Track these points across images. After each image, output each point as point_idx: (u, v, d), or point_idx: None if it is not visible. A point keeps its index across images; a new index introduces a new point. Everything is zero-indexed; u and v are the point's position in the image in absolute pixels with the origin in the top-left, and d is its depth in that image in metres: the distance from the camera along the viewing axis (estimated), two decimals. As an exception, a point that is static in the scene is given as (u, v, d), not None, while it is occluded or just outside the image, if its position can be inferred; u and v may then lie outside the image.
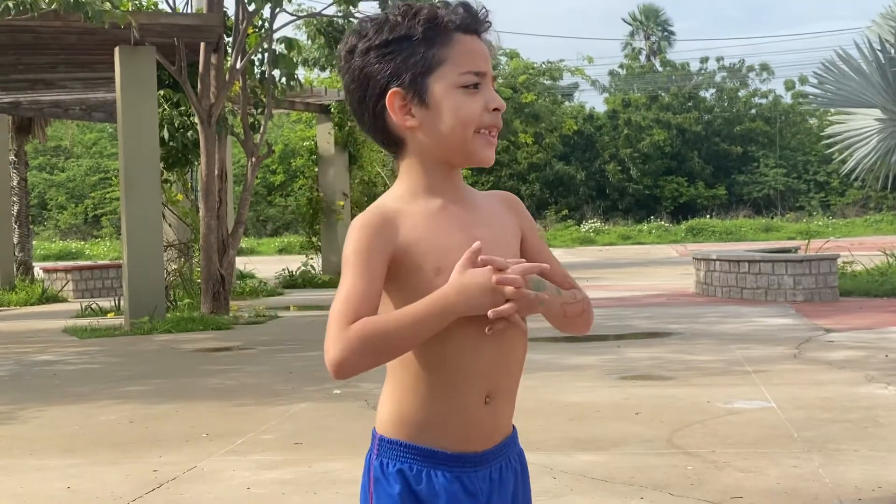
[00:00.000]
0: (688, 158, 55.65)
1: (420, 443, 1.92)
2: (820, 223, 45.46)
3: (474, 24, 1.93)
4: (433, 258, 1.89)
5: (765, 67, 58.94)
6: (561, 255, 34.46)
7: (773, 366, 8.57)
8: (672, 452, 5.60)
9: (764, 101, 58.60)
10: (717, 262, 15.69)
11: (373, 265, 1.86)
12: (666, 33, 67.01)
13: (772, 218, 48.82)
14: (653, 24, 66.34)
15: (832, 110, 20.48)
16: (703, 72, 60.06)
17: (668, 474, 5.13)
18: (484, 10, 1.94)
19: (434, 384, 1.91)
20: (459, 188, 1.99)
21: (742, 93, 58.79)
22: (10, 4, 10.79)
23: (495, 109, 1.92)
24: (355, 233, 1.89)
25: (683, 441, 5.85)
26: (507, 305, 1.84)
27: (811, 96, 23.73)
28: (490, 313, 1.83)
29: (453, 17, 1.91)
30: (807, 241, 20.73)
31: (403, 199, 1.95)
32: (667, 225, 47.46)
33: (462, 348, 1.89)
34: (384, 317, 1.84)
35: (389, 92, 1.91)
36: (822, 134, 28.06)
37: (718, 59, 60.19)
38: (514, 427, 2.06)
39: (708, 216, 49.67)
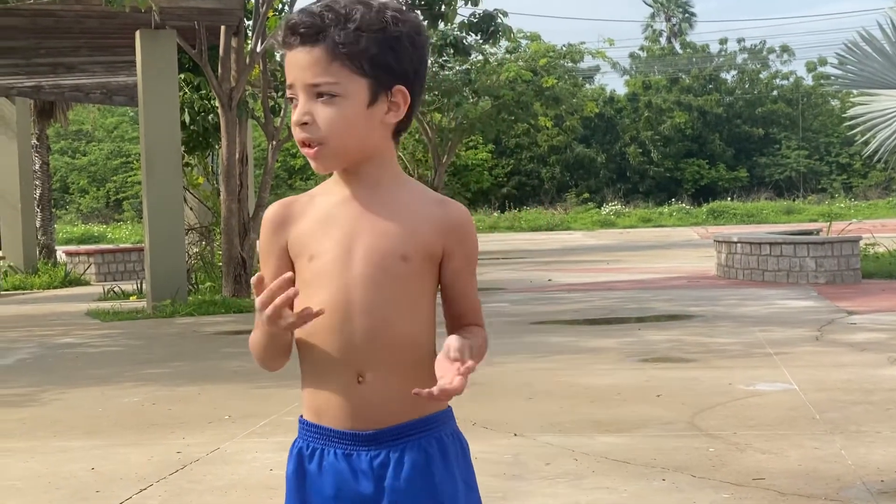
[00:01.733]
0: (709, 141, 55.46)
1: (317, 421, 2.02)
2: (842, 205, 45.25)
3: (286, 38, 1.97)
4: (310, 245, 2.01)
5: (785, 49, 58.65)
6: (581, 237, 34.44)
7: (795, 348, 8.54)
8: (693, 434, 5.59)
9: (785, 82, 58.29)
10: (739, 245, 15.64)
11: (274, 259, 2.04)
12: (687, 15, 66.68)
13: (793, 200, 48.64)
14: (673, 6, 66.01)
15: (854, 91, 20.34)
16: (723, 53, 59.78)
17: (690, 456, 5.13)
18: (296, 20, 1.95)
19: (309, 368, 2.03)
20: (369, 183, 2.02)
21: (763, 74, 58.49)
22: (32, -12, 10.81)
23: (298, 125, 1.97)
24: (261, 228, 2.08)
25: (705, 423, 5.84)
26: (457, 382, 1.84)
27: (833, 77, 23.57)
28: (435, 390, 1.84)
29: (280, 34, 1.99)
30: (829, 223, 20.64)
31: (323, 188, 2.07)
32: (688, 207, 47.33)
33: (315, 330, 1.97)
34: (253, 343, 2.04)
35: None
36: (844, 115, 27.88)
37: (739, 41, 60.01)
38: (446, 410, 2.05)
39: (729, 199, 49.50)
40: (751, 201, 48.06)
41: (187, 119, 16.00)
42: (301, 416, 2.07)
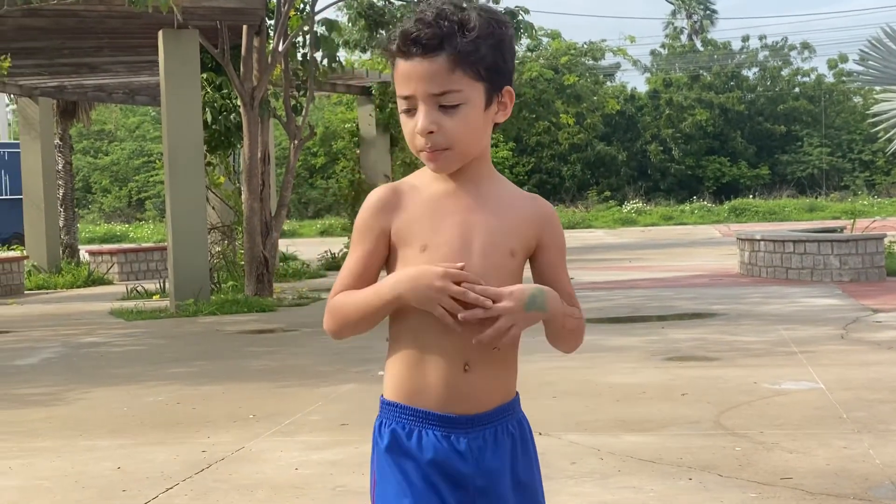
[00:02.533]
0: (730, 138, 55.23)
1: (412, 404, 2.10)
2: (865, 203, 44.97)
3: (404, 48, 2.03)
4: (422, 235, 2.09)
5: (806, 46, 58.33)
6: (602, 235, 34.37)
7: (820, 346, 8.50)
8: (720, 433, 5.57)
9: (807, 79, 58.00)
10: (762, 243, 15.57)
11: (373, 242, 2.12)
12: (708, 12, 66.40)
13: (816, 198, 48.37)
14: (695, 3, 65.74)
15: (877, 88, 20.23)
16: (744, 50, 59.53)
17: (717, 455, 5.11)
18: (415, 31, 2.01)
19: (415, 354, 2.09)
20: (472, 177, 2.12)
21: (785, 72, 58.22)
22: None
23: (419, 133, 2.05)
24: (365, 205, 2.14)
25: (731, 422, 5.82)
26: (470, 312, 2.01)
27: (856, 74, 23.45)
28: (460, 316, 2.01)
29: (391, 43, 2.06)
30: (852, 220, 20.52)
31: (422, 179, 2.14)
32: (709, 205, 47.13)
33: (434, 323, 2.05)
34: (352, 293, 2.11)
35: None
36: (867, 112, 27.71)
37: (761, 38, 59.66)
38: (516, 395, 2.20)
39: (751, 196, 49.28)
40: (773, 199, 47.82)
41: (209, 118, 16.05)
42: (385, 397, 2.15)
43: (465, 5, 2.06)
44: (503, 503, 2.11)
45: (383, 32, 17.43)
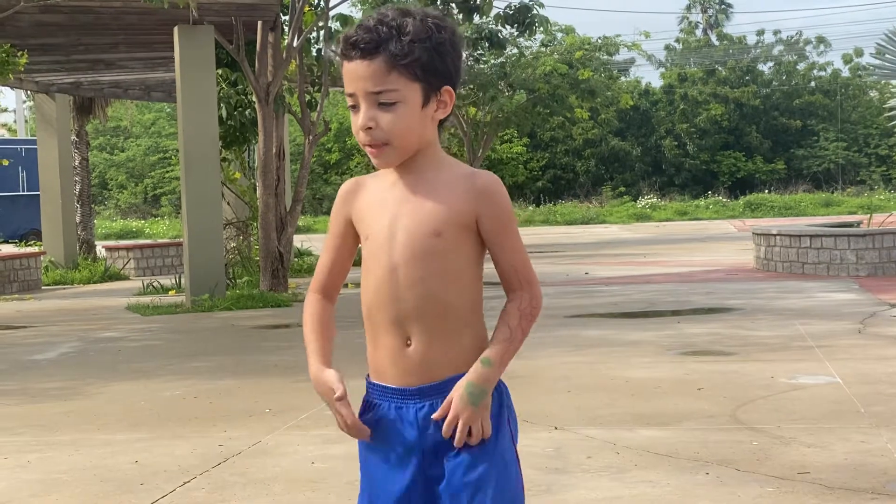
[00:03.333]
0: (745, 133, 55.05)
1: (374, 379, 2.36)
2: (882, 197, 44.78)
3: (345, 51, 2.23)
4: (366, 226, 2.33)
5: (821, 40, 58.10)
6: (617, 231, 34.31)
7: (837, 341, 8.47)
8: (737, 428, 5.56)
9: (823, 73, 57.77)
10: (778, 237, 15.52)
11: (335, 227, 2.39)
12: (723, 6, 66.21)
13: (832, 192, 48.19)
14: (710, -3, 65.54)
15: (894, 82, 20.15)
16: (759, 45, 59.33)
17: (734, 450, 5.10)
18: (355, 36, 2.20)
19: (370, 335, 2.36)
20: (416, 169, 2.29)
21: (801, 66, 58.00)
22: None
23: (360, 129, 2.24)
24: (336, 199, 2.40)
25: (748, 416, 5.81)
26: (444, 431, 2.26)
27: (872, 67, 23.35)
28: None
29: (338, 47, 2.26)
30: (869, 215, 20.45)
31: (379, 173, 2.36)
32: (724, 200, 46.99)
33: (371, 305, 2.32)
34: (309, 322, 2.46)
35: None
36: (883, 106, 27.60)
37: (776, 33, 59.43)
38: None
39: (766, 191, 49.13)
40: (788, 194, 47.66)
41: (224, 114, 16.08)
42: (367, 376, 2.39)
43: (409, 11, 2.23)
44: (453, 467, 2.26)
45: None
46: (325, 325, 2.44)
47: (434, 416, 2.25)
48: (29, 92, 21.84)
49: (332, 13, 15.21)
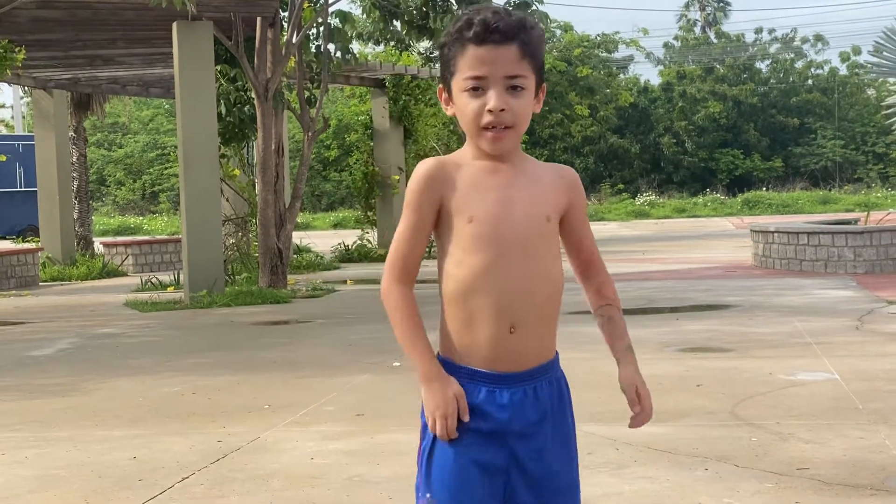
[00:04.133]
0: (743, 131, 55.08)
1: (459, 362, 2.35)
2: (879, 195, 44.82)
3: (483, 35, 2.29)
4: (468, 208, 2.34)
5: (819, 38, 58.11)
6: (615, 228, 34.32)
7: (835, 338, 8.48)
8: (736, 424, 5.56)
9: (820, 71, 57.79)
10: (776, 235, 15.53)
11: (422, 210, 2.36)
12: (721, 4, 66.21)
13: (829, 190, 48.22)
14: (708, -5, 65.53)
15: (892, 80, 20.16)
16: (758, 43, 59.34)
17: (733, 446, 5.10)
18: (496, 22, 2.29)
19: (465, 315, 2.34)
20: (507, 157, 2.38)
21: (798, 64, 58.02)
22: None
23: (490, 111, 2.30)
24: (414, 177, 2.37)
25: (747, 412, 5.81)
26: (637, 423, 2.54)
27: (870, 66, 23.36)
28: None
29: (467, 31, 2.31)
30: (866, 212, 20.46)
31: (464, 157, 2.40)
32: (722, 198, 47.03)
33: (472, 287, 2.32)
34: (405, 319, 2.37)
35: (439, 85, 2.44)
36: (881, 104, 27.60)
37: (771, 31, 59.42)
38: (556, 354, 2.44)
39: (764, 189, 49.15)
40: (786, 191, 47.68)
41: (223, 110, 16.04)
42: (440, 355, 2.39)
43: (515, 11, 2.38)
44: (543, 450, 2.36)
45: (397, 24, 17.40)
46: (420, 321, 2.39)
47: (631, 425, 2.51)
48: (27, 88, 21.88)
49: (331, 9, 15.20)
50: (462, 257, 2.33)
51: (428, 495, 2.36)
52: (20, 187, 33.62)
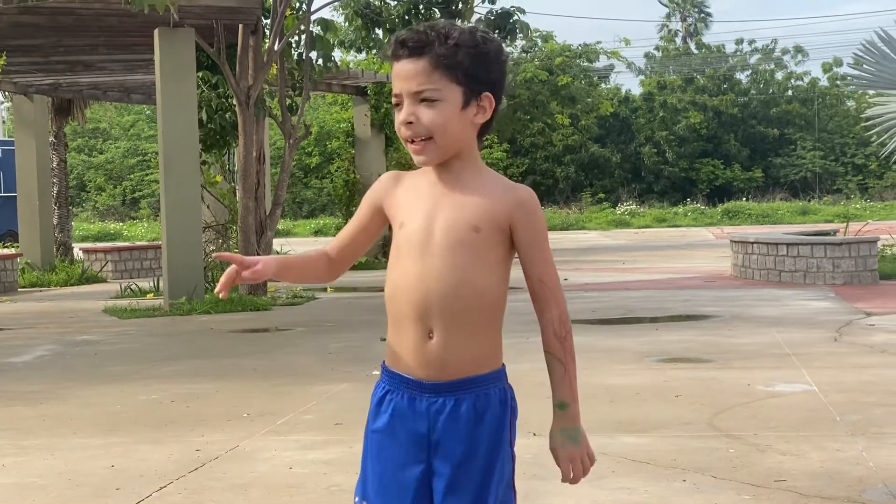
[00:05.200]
0: (724, 141, 55.30)
1: (391, 366, 2.42)
2: (858, 206, 45.06)
3: (396, 51, 2.37)
4: (400, 214, 2.42)
5: (799, 49, 58.42)
6: (596, 237, 34.39)
7: (814, 349, 8.52)
8: (714, 435, 5.58)
9: (800, 83, 58.10)
10: (755, 245, 15.60)
11: (362, 210, 2.52)
12: (702, 15, 66.50)
13: (809, 201, 48.44)
14: (689, 6, 65.84)
15: (871, 92, 20.26)
16: (738, 53, 59.62)
17: (711, 457, 5.12)
18: (405, 37, 2.34)
19: (393, 320, 2.41)
20: (456, 171, 2.40)
21: (779, 75, 58.32)
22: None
23: (402, 124, 2.36)
24: (374, 184, 2.53)
25: (725, 424, 5.83)
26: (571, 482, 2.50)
27: (850, 78, 23.49)
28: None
29: (389, 48, 2.39)
30: (845, 223, 20.56)
31: (418, 171, 2.46)
32: (703, 208, 47.19)
33: (398, 289, 2.38)
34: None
35: None
36: (860, 116, 27.75)
37: (751, 42, 59.71)
38: (497, 370, 2.42)
39: (744, 199, 49.34)
40: (766, 202, 47.88)
41: (205, 117, 16.02)
42: (384, 362, 2.46)
43: (458, 24, 2.39)
44: (456, 467, 2.33)
45: (380, 32, 17.42)
46: (302, 256, 2.59)
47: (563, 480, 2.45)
48: (7, 93, 21.73)
49: (313, 17, 15.21)
50: (393, 262, 2.42)
51: (356, 499, 2.46)
52: (-1, 192, 33.43)
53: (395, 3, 16.92)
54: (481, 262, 2.36)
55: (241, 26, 14.27)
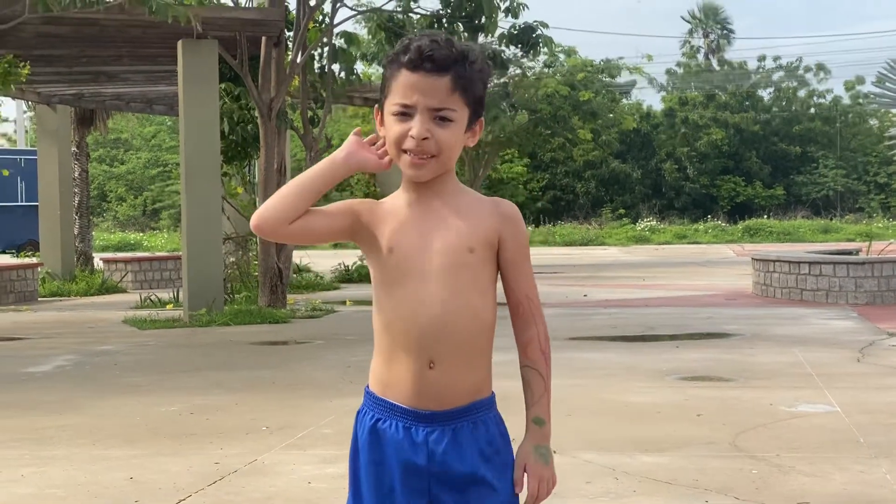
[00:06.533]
0: (745, 158, 55.11)
1: (383, 396, 2.32)
2: (880, 225, 44.83)
3: (417, 62, 2.27)
4: (389, 239, 2.32)
5: (821, 67, 58.21)
6: (615, 253, 34.29)
7: (836, 369, 8.45)
8: (736, 455, 5.53)
9: (823, 100, 57.89)
10: (777, 263, 15.51)
11: (337, 209, 2.38)
12: (725, 31, 66.37)
13: (831, 219, 48.21)
14: (712, 22, 65.73)
15: (894, 110, 20.17)
16: (760, 70, 59.48)
17: (733, 477, 5.07)
18: (431, 50, 2.26)
19: (386, 348, 2.32)
20: (437, 191, 2.34)
21: (801, 92, 58.13)
22: (77, -2, 10.89)
23: (412, 137, 2.26)
24: (354, 199, 2.44)
25: (747, 444, 5.78)
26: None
27: (873, 96, 23.39)
28: None
29: (403, 55, 2.29)
30: (868, 243, 20.44)
31: (395, 195, 2.39)
32: (723, 225, 47.01)
33: (395, 319, 2.30)
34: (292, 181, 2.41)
35: (375, 106, 2.41)
36: (883, 135, 27.62)
37: (775, 59, 59.54)
38: (489, 396, 2.36)
39: (765, 216, 49.14)
40: (787, 219, 47.68)
41: (226, 129, 16.07)
42: (367, 387, 2.38)
43: (464, 42, 2.35)
44: (458, 493, 2.28)
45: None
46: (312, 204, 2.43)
47: (518, 491, 2.33)
48: (30, 103, 21.85)
49: (336, 30, 15.23)
50: (384, 289, 2.32)
51: None
52: (21, 202, 33.62)
53: (419, 16, 16.94)
54: (476, 284, 2.31)
55: (264, 38, 14.31)
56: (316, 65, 16.17)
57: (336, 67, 15.60)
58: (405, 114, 2.28)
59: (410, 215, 2.34)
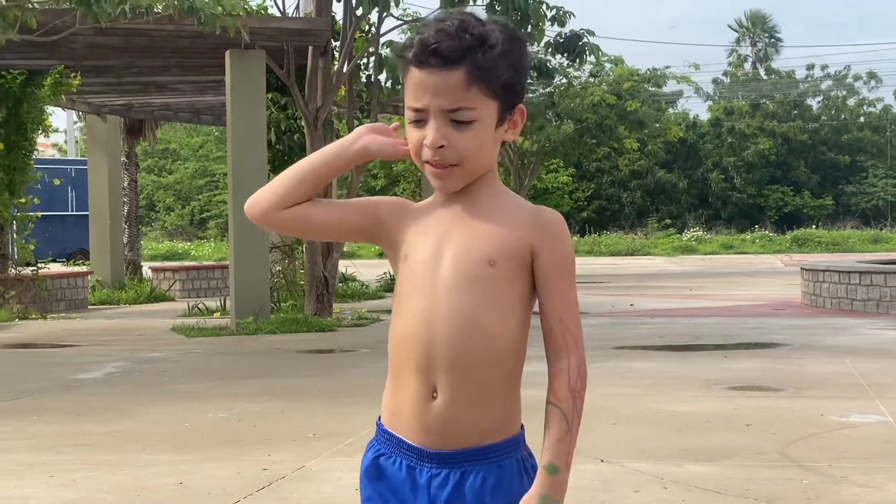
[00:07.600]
0: (793, 167, 54.66)
1: (390, 427, 2.06)
2: (931, 235, 44.29)
3: (422, 57, 1.96)
4: (405, 244, 2.05)
5: (872, 76, 57.65)
6: (662, 263, 34.10)
7: (888, 379, 8.34)
8: (786, 465, 5.47)
9: (872, 109, 57.32)
10: (827, 273, 15.35)
11: (358, 203, 2.12)
12: (773, 40, 65.93)
13: (880, 229, 47.68)
14: (759, 31, 65.32)
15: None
16: (809, 79, 59.01)
17: (784, 487, 5.01)
18: (435, 42, 1.94)
19: (393, 372, 2.05)
20: (473, 193, 2.04)
21: (851, 101, 57.59)
22: (127, 8, 11.00)
23: (427, 146, 1.98)
24: (385, 198, 2.17)
25: (798, 454, 5.71)
26: None
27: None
28: None
29: (408, 50, 1.98)
30: (919, 252, 20.18)
31: (431, 197, 2.12)
32: (771, 235, 46.61)
33: (400, 336, 2.02)
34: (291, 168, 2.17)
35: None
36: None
37: (823, 68, 59.03)
38: (511, 439, 2.03)
39: (814, 226, 48.69)
40: (836, 230, 47.21)
41: (273, 138, 16.16)
42: (379, 418, 2.11)
43: (486, 19, 1.99)
44: None
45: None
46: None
47: None
48: (81, 113, 22.11)
49: (382, 40, 15.29)
50: (396, 303, 2.07)
51: None
52: (71, 211, 33.97)
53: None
54: (495, 303, 1.97)
55: (310, 48, 14.38)
56: (362, 74, 16.21)
57: (382, 77, 15.63)
58: (419, 119, 1.99)
59: (433, 220, 2.06)
